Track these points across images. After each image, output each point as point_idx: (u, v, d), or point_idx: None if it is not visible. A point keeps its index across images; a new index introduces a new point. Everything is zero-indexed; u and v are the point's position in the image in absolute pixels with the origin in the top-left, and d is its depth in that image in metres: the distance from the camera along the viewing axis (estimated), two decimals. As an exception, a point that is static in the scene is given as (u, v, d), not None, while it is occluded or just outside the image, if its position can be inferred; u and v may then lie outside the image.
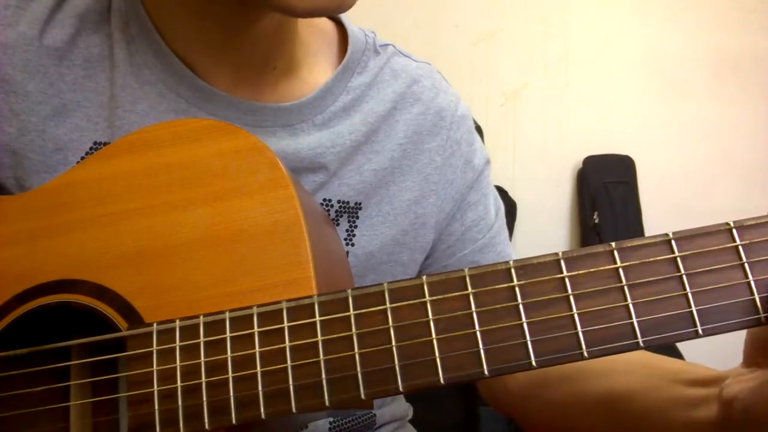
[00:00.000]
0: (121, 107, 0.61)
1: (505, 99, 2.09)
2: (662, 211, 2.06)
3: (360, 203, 0.67)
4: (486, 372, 0.39)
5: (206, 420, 0.42)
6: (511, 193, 2.04)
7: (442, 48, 2.02)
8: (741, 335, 0.44)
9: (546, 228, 2.08)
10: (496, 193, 0.78)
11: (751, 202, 2.05)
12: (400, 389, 0.40)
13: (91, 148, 0.60)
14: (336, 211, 0.66)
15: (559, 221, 2.09)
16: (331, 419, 0.67)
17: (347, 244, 0.66)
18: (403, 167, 0.69)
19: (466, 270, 0.41)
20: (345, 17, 0.72)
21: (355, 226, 0.66)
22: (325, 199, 0.65)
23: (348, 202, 0.66)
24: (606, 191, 2.00)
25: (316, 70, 0.68)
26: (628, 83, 2.11)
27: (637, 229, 2.00)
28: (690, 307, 0.39)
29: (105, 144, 0.60)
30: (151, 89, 0.61)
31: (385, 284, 0.42)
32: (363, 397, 0.40)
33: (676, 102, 2.11)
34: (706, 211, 2.03)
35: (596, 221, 1.97)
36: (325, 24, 0.71)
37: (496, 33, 2.08)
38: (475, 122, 0.79)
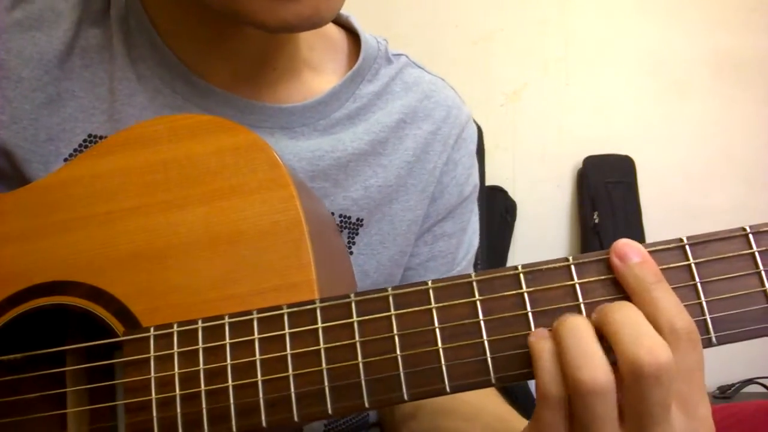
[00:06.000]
0: (120, 100, 0.59)
1: (505, 99, 2.08)
2: (662, 211, 2.05)
3: (362, 220, 0.65)
4: (493, 380, 0.38)
5: (206, 428, 0.40)
6: (511, 193, 2.03)
7: (442, 48, 2.01)
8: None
9: (546, 228, 2.07)
10: (476, 227, 0.76)
11: (751, 202, 2.04)
12: (405, 398, 0.39)
13: (84, 141, 0.59)
14: (337, 225, 0.64)
15: (559, 221, 2.09)
16: (325, 421, 0.66)
17: None
18: (408, 186, 0.67)
19: (473, 275, 0.40)
20: (357, 23, 0.70)
21: (353, 243, 0.65)
22: None
23: (350, 217, 0.64)
24: (606, 191, 2.00)
25: (321, 75, 0.67)
26: (628, 83, 2.10)
27: (637, 229, 2.00)
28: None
29: (101, 137, 0.59)
30: (147, 84, 0.60)
31: (390, 289, 0.40)
32: (367, 405, 0.39)
33: (676, 102, 2.11)
34: (706, 210, 2.03)
35: (596, 221, 1.96)
36: (332, 31, 0.70)
37: (496, 33, 2.07)
38: (474, 122, 0.77)
